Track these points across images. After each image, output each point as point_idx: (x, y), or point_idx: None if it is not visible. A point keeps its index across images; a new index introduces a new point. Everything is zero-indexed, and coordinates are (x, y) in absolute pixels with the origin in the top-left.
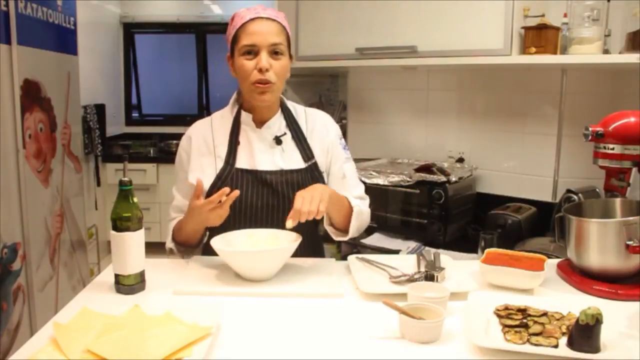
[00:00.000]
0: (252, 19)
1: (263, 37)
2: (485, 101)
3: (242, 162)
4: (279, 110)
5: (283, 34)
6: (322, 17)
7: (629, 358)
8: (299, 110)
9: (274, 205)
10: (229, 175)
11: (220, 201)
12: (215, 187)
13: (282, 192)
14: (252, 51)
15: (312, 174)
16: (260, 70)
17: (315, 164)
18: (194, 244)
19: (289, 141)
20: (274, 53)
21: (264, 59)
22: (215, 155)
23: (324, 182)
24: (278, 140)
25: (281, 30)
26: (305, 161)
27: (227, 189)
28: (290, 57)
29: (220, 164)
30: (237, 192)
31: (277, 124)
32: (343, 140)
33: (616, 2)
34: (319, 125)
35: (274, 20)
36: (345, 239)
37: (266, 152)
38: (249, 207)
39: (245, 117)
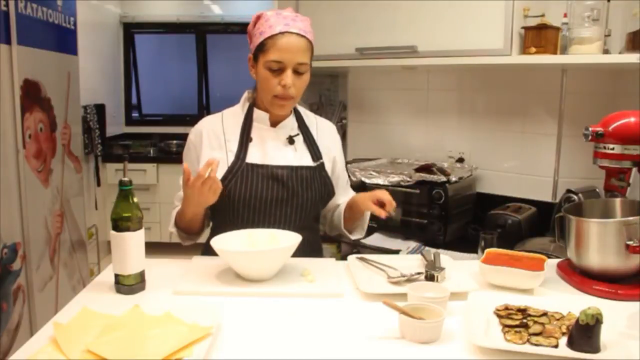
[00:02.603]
0: (282, 33)
1: (291, 55)
2: (485, 101)
3: (254, 157)
4: (292, 112)
5: (309, 50)
6: (322, 17)
7: (629, 358)
8: (310, 117)
9: (284, 199)
10: (239, 169)
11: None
12: (226, 180)
13: (292, 187)
14: (279, 68)
15: (320, 174)
16: (284, 87)
17: (323, 164)
18: (195, 231)
19: (300, 142)
20: (298, 71)
21: (289, 77)
22: (226, 149)
23: (331, 184)
24: (291, 140)
25: (307, 47)
26: (315, 160)
27: (212, 161)
28: (310, 66)
29: (232, 159)
30: (217, 160)
31: (290, 124)
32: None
33: (616, 2)
34: (327, 135)
35: (303, 36)
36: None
37: (279, 150)
38: (259, 200)
39: (262, 116)
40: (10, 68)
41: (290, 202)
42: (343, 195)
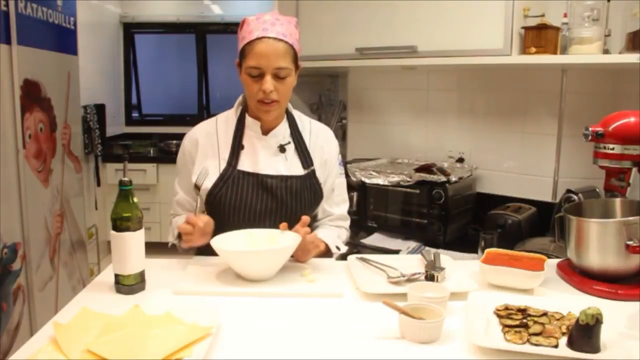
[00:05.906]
0: (260, 39)
1: (268, 60)
2: (485, 101)
3: (245, 165)
4: (284, 118)
5: (289, 54)
6: (322, 17)
7: (629, 358)
8: (305, 122)
9: (272, 209)
10: (230, 176)
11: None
12: (217, 188)
13: (281, 197)
14: (259, 74)
15: (310, 181)
16: (264, 92)
17: (314, 171)
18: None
19: (291, 150)
20: (279, 76)
21: (269, 82)
22: (219, 157)
23: (320, 190)
24: (282, 149)
25: (287, 51)
26: (305, 168)
27: (197, 221)
28: (297, 67)
29: (224, 166)
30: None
31: (282, 132)
32: (340, 156)
33: (616, 2)
34: (321, 140)
35: (281, 40)
36: None
37: (270, 159)
38: (248, 209)
39: (252, 124)
40: (10, 68)
41: (279, 212)
42: (326, 203)
